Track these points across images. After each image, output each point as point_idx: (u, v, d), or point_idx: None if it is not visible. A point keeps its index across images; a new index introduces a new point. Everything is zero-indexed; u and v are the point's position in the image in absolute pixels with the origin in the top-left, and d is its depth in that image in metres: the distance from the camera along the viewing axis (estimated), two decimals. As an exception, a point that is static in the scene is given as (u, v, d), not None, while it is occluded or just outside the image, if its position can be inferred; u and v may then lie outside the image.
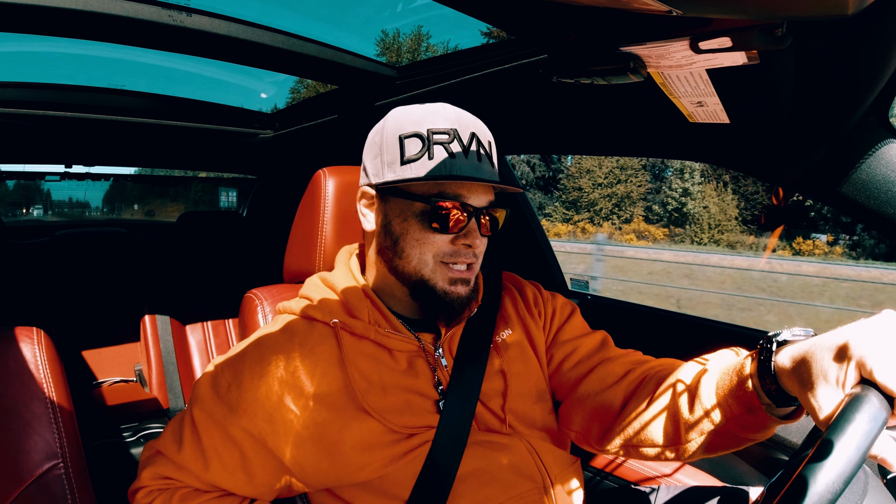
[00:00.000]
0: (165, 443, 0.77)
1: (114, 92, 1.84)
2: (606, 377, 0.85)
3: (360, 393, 0.75)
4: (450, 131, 0.76)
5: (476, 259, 0.80)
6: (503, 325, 0.90)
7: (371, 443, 0.74)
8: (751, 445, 0.68)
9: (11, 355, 0.84)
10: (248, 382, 0.75)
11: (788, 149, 0.98)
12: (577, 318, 0.96)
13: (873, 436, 0.45)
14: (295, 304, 0.85)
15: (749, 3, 0.54)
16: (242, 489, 0.76)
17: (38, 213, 4.93)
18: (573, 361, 0.90)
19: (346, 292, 0.83)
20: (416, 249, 0.78)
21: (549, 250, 1.84)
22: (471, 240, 0.77)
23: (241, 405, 0.74)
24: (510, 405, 0.84)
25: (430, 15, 4.94)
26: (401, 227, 0.79)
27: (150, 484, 0.77)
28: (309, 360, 0.76)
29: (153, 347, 2.08)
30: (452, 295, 0.79)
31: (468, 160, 0.76)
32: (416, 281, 0.79)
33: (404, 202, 0.78)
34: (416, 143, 0.76)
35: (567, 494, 0.83)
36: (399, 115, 0.80)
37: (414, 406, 0.78)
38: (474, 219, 0.77)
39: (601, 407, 0.84)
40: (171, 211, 5.44)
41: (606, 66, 0.80)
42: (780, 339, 0.62)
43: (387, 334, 0.80)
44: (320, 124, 1.93)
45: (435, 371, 0.82)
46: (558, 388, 0.92)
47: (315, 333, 0.79)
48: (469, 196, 0.76)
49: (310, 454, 0.74)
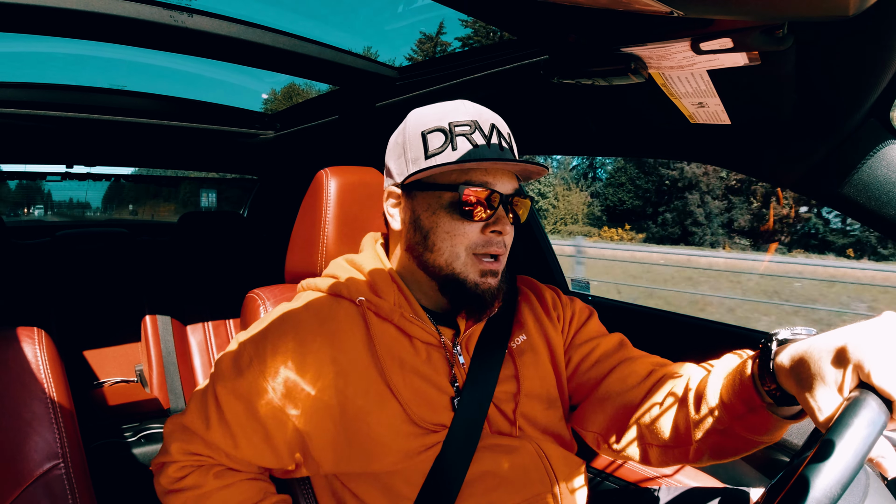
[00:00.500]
0: (192, 419, 0.77)
1: (115, 92, 1.84)
2: (628, 377, 0.85)
3: (387, 372, 0.76)
4: (471, 123, 0.78)
5: (505, 249, 0.80)
6: (518, 329, 0.90)
7: (392, 428, 0.75)
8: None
9: (12, 355, 0.84)
10: (271, 357, 0.75)
11: (788, 149, 0.98)
12: (594, 321, 0.96)
13: (872, 439, 0.45)
14: (322, 281, 0.86)
15: (750, 4, 0.54)
16: (270, 462, 0.77)
17: (38, 213, 4.94)
18: (591, 361, 0.90)
19: (372, 274, 0.84)
20: (448, 242, 0.78)
21: (549, 251, 1.84)
22: (501, 226, 0.77)
23: (264, 380, 0.74)
24: (521, 409, 0.84)
25: (430, 16, 4.91)
26: (430, 221, 0.79)
27: (181, 459, 0.77)
28: (334, 337, 0.77)
29: (154, 348, 2.08)
30: (483, 286, 0.79)
31: (491, 149, 0.77)
32: (446, 275, 0.79)
33: (432, 195, 0.78)
34: (440, 136, 0.78)
35: (571, 494, 0.83)
36: (420, 114, 0.82)
37: (431, 399, 0.78)
38: (502, 206, 0.78)
39: (622, 407, 0.84)
40: (163, 212, 5.55)
41: (607, 66, 0.81)
42: (780, 337, 0.62)
43: (411, 319, 0.80)
44: (321, 125, 1.93)
45: (452, 367, 0.82)
46: (578, 390, 0.91)
47: (341, 311, 0.80)
48: (496, 183, 0.77)
49: (329, 432, 0.75)
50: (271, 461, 0.77)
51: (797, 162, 0.98)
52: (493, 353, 0.85)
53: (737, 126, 1.01)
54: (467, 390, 0.80)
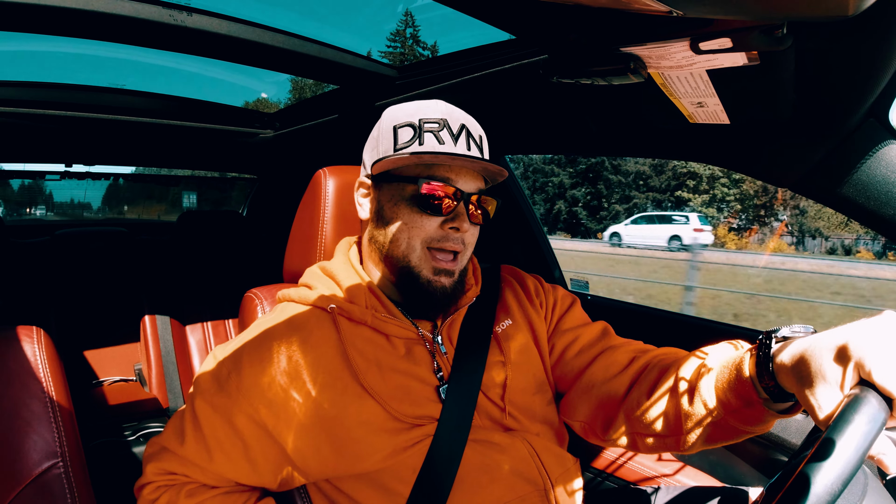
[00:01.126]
0: (168, 438, 0.77)
1: (114, 91, 1.84)
2: (611, 366, 0.86)
3: (360, 373, 0.76)
4: (440, 121, 0.80)
5: (464, 248, 0.81)
6: (503, 315, 0.91)
7: (372, 426, 0.74)
8: (750, 446, 0.69)
9: (11, 354, 0.84)
10: (248, 369, 0.75)
11: (788, 149, 0.98)
12: (577, 309, 0.97)
13: (872, 437, 0.45)
14: (294, 292, 0.86)
15: (749, 4, 0.54)
16: (247, 478, 0.77)
17: (41, 213, 4.97)
18: (575, 350, 0.91)
19: (344, 279, 0.85)
20: (405, 234, 0.79)
21: (548, 250, 1.84)
22: (459, 223, 0.78)
23: (242, 392, 0.74)
24: (510, 395, 0.84)
25: (430, 16, 4.87)
26: (391, 212, 0.80)
27: (155, 479, 0.77)
28: (307, 345, 0.77)
29: (153, 347, 2.08)
30: (436, 285, 0.80)
31: (457, 146, 0.79)
32: (402, 267, 0.80)
33: (395, 186, 0.80)
34: (409, 131, 0.79)
35: (568, 496, 0.83)
36: (395, 109, 0.84)
37: (413, 392, 0.78)
38: (463, 203, 0.78)
39: (606, 396, 0.84)
40: (153, 212, 5.72)
41: (607, 66, 0.81)
42: (779, 335, 0.62)
43: (384, 319, 0.80)
44: (320, 124, 1.93)
45: (434, 357, 0.82)
46: (561, 379, 0.92)
47: (313, 319, 0.80)
48: (457, 180, 0.78)
49: (311, 440, 0.74)
50: (249, 476, 0.76)
51: (797, 162, 0.98)
52: (478, 339, 0.85)
53: (736, 126, 1.01)
54: (454, 379, 0.81)
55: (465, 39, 3.50)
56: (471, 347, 0.84)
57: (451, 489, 0.75)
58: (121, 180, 2.78)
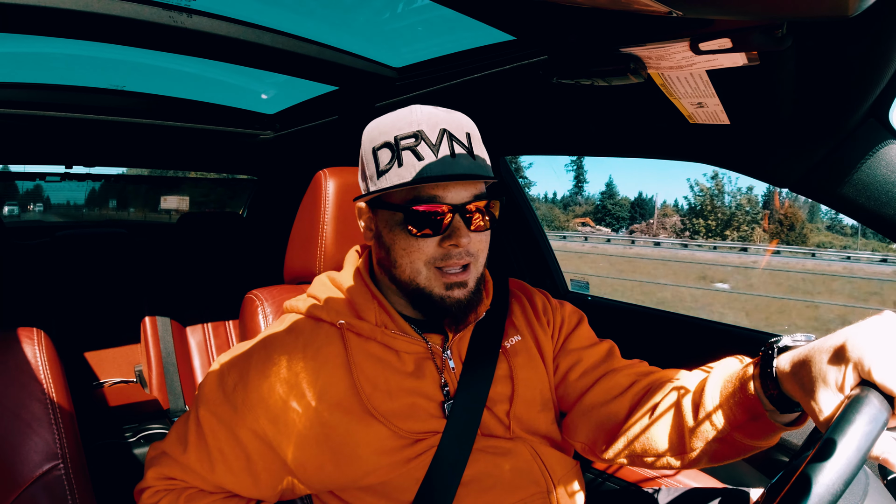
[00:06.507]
0: (171, 443, 0.77)
1: (114, 93, 1.84)
2: (612, 388, 0.85)
3: (365, 397, 0.75)
4: (415, 134, 0.74)
5: (472, 257, 0.77)
6: (512, 330, 0.90)
7: (377, 448, 0.74)
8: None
9: (12, 356, 0.84)
10: (254, 383, 0.74)
11: (788, 149, 0.98)
12: (584, 328, 0.95)
13: (874, 436, 0.45)
14: (302, 303, 0.84)
15: (749, 4, 0.54)
16: (247, 491, 0.76)
17: (38, 210, 4.98)
18: (578, 372, 0.89)
19: (353, 292, 0.83)
20: (406, 259, 0.76)
21: (549, 251, 1.84)
22: (456, 239, 0.74)
23: (247, 406, 0.74)
24: (515, 411, 0.83)
25: (430, 16, 4.94)
26: (390, 238, 0.78)
27: (155, 484, 0.77)
28: (314, 362, 0.76)
29: (153, 349, 2.08)
30: (450, 300, 0.77)
31: (438, 159, 0.74)
32: (413, 289, 0.78)
33: (388, 213, 0.77)
34: (387, 153, 0.75)
35: (569, 497, 0.83)
36: (371, 128, 0.80)
37: (418, 410, 0.78)
38: (457, 216, 0.74)
39: (606, 418, 0.83)
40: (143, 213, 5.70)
41: (607, 67, 0.81)
42: (780, 344, 0.62)
43: (393, 336, 0.79)
44: (320, 125, 1.93)
45: (442, 373, 0.81)
46: (563, 399, 0.91)
47: (321, 334, 0.79)
48: (446, 195, 0.74)
49: (314, 456, 0.74)
50: (249, 490, 0.76)
51: (797, 162, 0.98)
52: (485, 354, 0.84)
53: (736, 126, 1.01)
54: (459, 395, 0.80)
55: (465, 40, 3.49)
56: (479, 363, 0.83)
57: (455, 494, 0.75)
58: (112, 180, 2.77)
